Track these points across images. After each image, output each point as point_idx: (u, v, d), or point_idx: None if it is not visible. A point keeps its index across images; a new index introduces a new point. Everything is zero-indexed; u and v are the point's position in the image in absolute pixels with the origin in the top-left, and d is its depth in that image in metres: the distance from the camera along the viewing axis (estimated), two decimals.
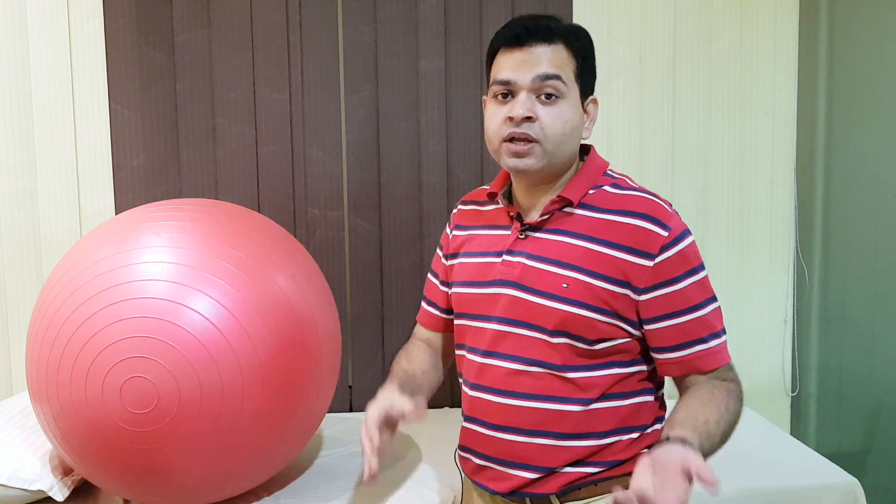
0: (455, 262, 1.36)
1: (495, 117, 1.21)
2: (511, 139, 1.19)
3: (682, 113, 2.49)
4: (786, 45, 2.52)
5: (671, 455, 1.01)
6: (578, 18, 2.41)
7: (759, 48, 2.50)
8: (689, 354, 1.20)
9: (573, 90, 1.20)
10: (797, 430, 2.59)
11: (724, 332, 1.23)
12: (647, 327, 1.21)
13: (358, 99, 2.33)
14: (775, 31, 2.51)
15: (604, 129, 2.45)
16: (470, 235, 1.36)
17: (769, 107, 2.53)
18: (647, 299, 1.19)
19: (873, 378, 2.24)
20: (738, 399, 1.22)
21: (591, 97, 1.25)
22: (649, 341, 1.22)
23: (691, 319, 1.19)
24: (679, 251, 1.18)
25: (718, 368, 1.22)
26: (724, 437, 1.17)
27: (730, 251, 2.55)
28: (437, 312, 1.45)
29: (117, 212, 2.26)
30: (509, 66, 1.19)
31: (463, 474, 1.39)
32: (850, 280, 2.35)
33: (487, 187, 1.37)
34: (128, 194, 2.27)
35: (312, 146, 2.32)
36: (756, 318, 2.58)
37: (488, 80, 1.26)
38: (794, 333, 2.59)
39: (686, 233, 1.20)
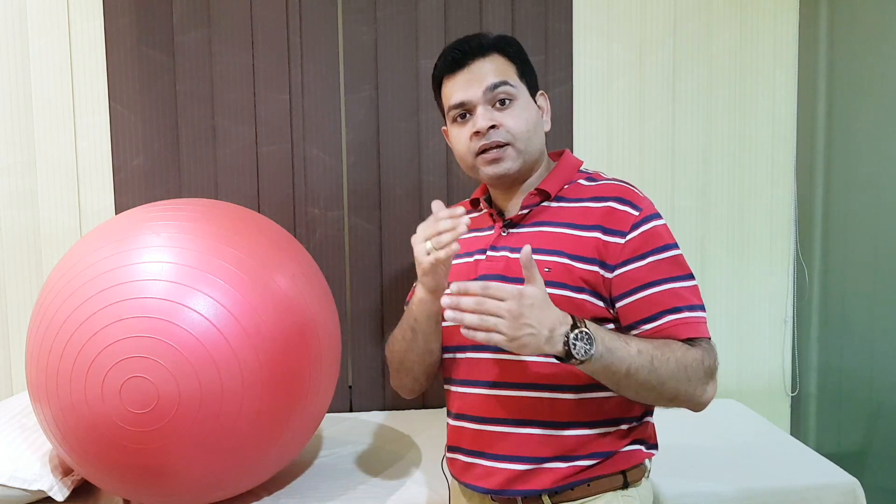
0: None
1: (461, 138, 1.29)
2: (483, 151, 1.25)
3: (682, 113, 2.49)
4: (786, 45, 2.52)
5: (557, 310, 1.08)
6: (578, 18, 2.41)
7: (759, 48, 2.50)
8: (663, 324, 1.18)
9: (522, 90, 1.28)
10: (797, 430, 2.59)
11: (701, 308, 1.21)
12: (618, 305, 1.21)
13: (358, 99, 2.33)
14: (775, 31, 2.51)
15: (604, 129, 2.46)
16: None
17: (769, 107, 2.53)
18: (618, 275, 1.20)
19: (873, 378, 2.23)
20: (695, 358, 1.16)
21: (539, 92, 1.33)
22: (623, 320, 1.21)
23: (662, 291, 1.19)
24: (650, 228, 1.21)
25: (695, 338, 1.18)
26: (651, 358, 1.12)
27: (730, 251, 2.55)
28: None
29: (117, 212, 2.27)
30: (458, 88, 1.27)
31: (450, 479, 1.38)
32: (850, 280, 2.35)
33: (467, 200, 1.44)
34: (128, 194, 2.28)
35: (312, 146, 2.32)
36: (756, 318, 2.58)
37: (441, 110, 1.35)
38: (794, 333, 2.59)
39: (658, 215, 1.24)
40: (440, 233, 1.14)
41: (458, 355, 1.31)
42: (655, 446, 1.31)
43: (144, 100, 2.26)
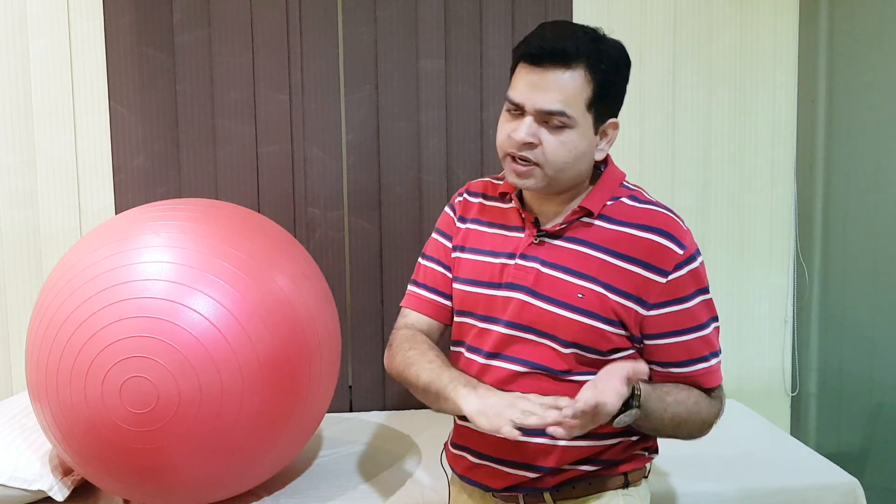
0: (462, 256, 1.32)
1: (503, 130, 1.20)
2: (512, 157, 1.19)
3: (682, 113, 2.48)
4: (786, 45, 2.52)
5: (612, 368, 1.11)
6: (578, 18, 2.41)
7: (759, 48, 2.50)
8: (693, 371, 1.22)
9: (584, 119, 1.16)
10: (797, 430, 2.59)
11: (720, 351, 1.26)
12: (649, 342, 1.22)
13: (358, 99, 2.33)
14: (775, 31, 2.51)
15: None
16: (478, 231, 1.32)
17: (769, 107, 2.52)
18: (656, 315, 1.19)
19: (873, 378, 2.23)
20: (714, 413, 1.25)
21: (610, 121, 1.21)
22: (650, 356, 1.22)
23: (697, 338, 1.21)
24: (691, 270, 1.20)
25: (714, 388, 1.25)
26: (679, 422, 1.20)
27: (730, 251, 2.55)
28: (442, 300, 1.35)
29: (117, 212, 2.26)
30: (523, 87, 1.16)
31: (450, 474, 1.38)
32: (850, 280, 2.35)
33: (498, 183, 1.33)
34: (128, 194, 2.27)
35: (312, 146, 2.32)
36: (756, 318, 2.58)
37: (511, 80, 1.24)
38: (794, 333, 2.59)
39: (698, 252, 1.22)
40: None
41: (468, 355, 1.29)
42: (657, 451, 1.33)
43: (144, 100, 2.26)
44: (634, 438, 1.26)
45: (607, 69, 1.16)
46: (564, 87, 1.14)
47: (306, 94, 2.30)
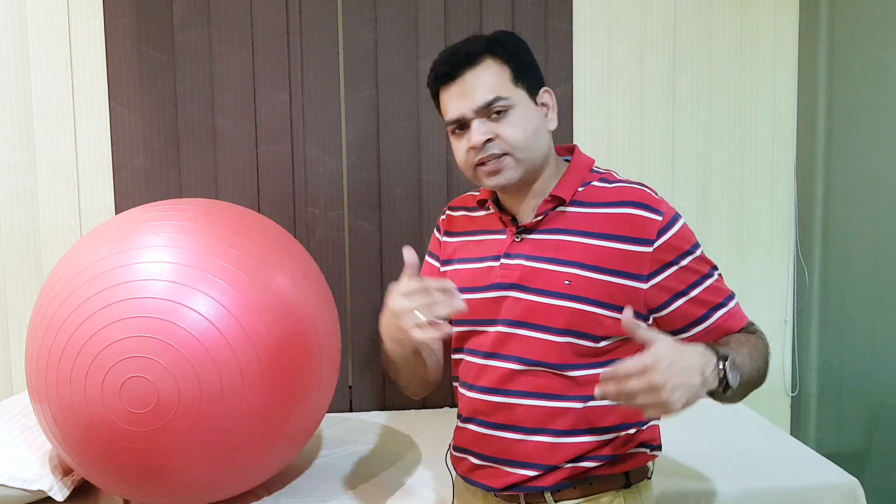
0: (450, 268, 1.36)
1: (459, 150, 1.25)
2: (481, 163, 1.22)
3: (682, 113, 2.49)
4: (786, 45, 2.52)
5: (694, 350, 1.03)
6: (578, 18, 2.41)
7: (759, 48, 2.50)
8: (716, 321, 1.23)
9: (518, 96, 1.21)
10: (797, 430, 2.59)
11: (733, 294, 1.27)
12: (661, 313, 1.21)
13: (358, 99, 2.33)
14: (775, 31, 2.51)
15: (604, 129, 2.45)
16: (463, 242, 1.36)
17: (769, 107, 2.53)
18: (656, 284, 1.20)
19: (873, 378, 2.23)
20: (766, 346, 1.25)
21: (542, 89, 1.26)
22: (668, 326, 1.22)
23: (705, 289, 1.22)
24: (676, 232, 1.21)
25: (745, 326, 1.26)
26: (759, 373, 1.20)
27: (730, 251, 2.55)
28: None
29: (117, 212, 2.26)
30: (452, 103, 1.23)
31: (454, 475, 1.38)
32: (850, 280, 2.35)
33: (476, 193, 1.38)
34: (128, 194, 2.27)
35: (312, 146, 2.32)
36: (756, 318, 2.54)
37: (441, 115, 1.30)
38: (794, 333, 2.59)
39: (678, 215, 1.23)
40: (434, 304, 1.10)
41: (468, 358, 1.30)
42: (659, 447, 1.32)
43: (144, 100, 2.26)
44: (633, 431, 1.25)
45: (510, 47, 1.23)
46: (484, 79, 1.20)
47: (306, 94, 2.31)
